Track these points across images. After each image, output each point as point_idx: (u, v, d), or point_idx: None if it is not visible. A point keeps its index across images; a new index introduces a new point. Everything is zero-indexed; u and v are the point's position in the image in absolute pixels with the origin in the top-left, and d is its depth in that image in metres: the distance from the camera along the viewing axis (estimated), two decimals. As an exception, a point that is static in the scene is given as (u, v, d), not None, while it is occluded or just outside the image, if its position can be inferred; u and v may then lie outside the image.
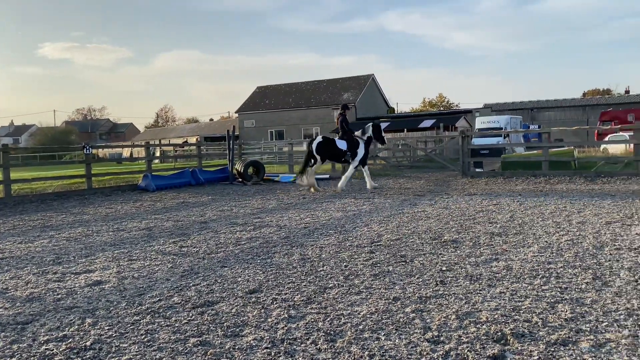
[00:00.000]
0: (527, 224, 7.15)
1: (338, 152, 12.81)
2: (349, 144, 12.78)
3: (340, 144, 12.83)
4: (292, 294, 4.27)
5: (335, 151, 12.80)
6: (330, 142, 12.85)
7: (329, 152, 12.81)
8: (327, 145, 12.80)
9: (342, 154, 12.86)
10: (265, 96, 54.22)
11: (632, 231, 6.32)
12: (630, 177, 12.25)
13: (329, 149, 12.76)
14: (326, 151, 12.78)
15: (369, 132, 13.07)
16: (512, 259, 5.14)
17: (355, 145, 12.83)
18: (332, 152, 12.84)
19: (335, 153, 12.86)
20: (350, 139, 12.85)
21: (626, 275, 4.41)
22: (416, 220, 7.76)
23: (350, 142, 12.80)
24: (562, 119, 51.22)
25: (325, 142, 12.86)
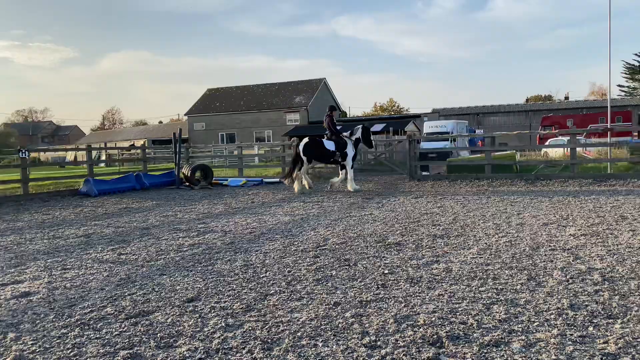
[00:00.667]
0: (468, 226, 7.31)
1: (326, 153, 12.79)
2: (337, 144, 12.79)
3: (328, 144, 12.85)
4: (231, 301, 4.17)
5: (323, 152, 12.77)
6: (317, 143, 12.81)
7: (317, 153, 12.79)
8: (314, 146, 12.75)
9: (330, 154, 12.84)
10: (216, 99, 53.48)
11: (567, 232, 6.57)
12: (567, 180, 12.80)
13: (316, 149, 12.72)
14: (313, 152, 12.75)
15: (358, 134, 13.10)
16: (452, 261, 5.23)
17: (344, 146, 12.86)
18: (319, 153, 12.81)
19: (323, 154, 12.83)
20: (338, 140, 12.87)
21: (559, 275, 4.57)
22: (363, 224, 7.80)
23: (338, 143, 12.81)
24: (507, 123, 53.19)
25: (312, 143, 12.80)
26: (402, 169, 15.59)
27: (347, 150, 12.88)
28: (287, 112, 47.63)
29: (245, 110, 49.95)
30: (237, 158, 18.36)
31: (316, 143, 12.83)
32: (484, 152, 14.41)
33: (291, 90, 50.15)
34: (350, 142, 12.99)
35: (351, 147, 12.92)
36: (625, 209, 8.29)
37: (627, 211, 8.03)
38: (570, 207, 8.78)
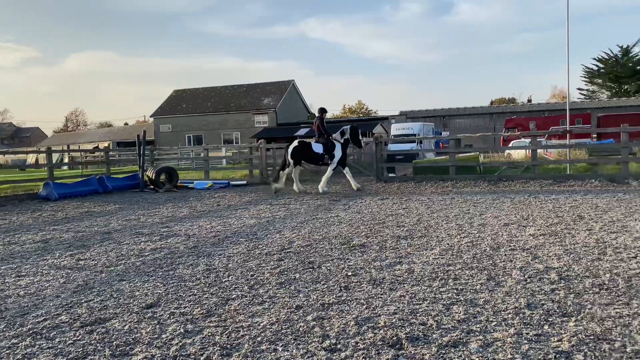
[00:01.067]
0: (432, 227, 7.40)
1: (314, 156, 13.00)
2: (325, 147, 12.93)
3: (317, 147, 13.00)
4: (191, 307, 4.10)
5: (311, 155, 12.99)
6: (306, 146, 13.02)
7: (305, 155, 13.01)
8: (303, 149, 12.96)
9: (319, 157, 13.01)
10: (183, 100, 52.77)
11: (527, 232, 6.72)
12: (528, 181, 13.12)
13: (305, 153, 12.95)
14: (302, 155, 12.98)
15: (347, 135, 13.23)
16: (414, 262, 5.28)
17: (332, 148, 12.99)
18: (308, 156, 13.03)
19: (312, 156, 13.05)
20: (326, 142, 12.96)
21: (517, 274, 4.66)
22: (328, 226, 7.80)
23: (327, 145, 12.94)
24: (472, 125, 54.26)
25: (301, 147, 13.02)
26: (369, 170, 15.70)
27: (334, 152, 13.02)
28: (255, 114, 47.38)
29: (212, 111, 49.45)
30: (203, 160, 18.11)
31: (305, 146, 13.03)
32: (449, 153, 14.63)
33: (259, 92, 49.92)
34: (339, 144, 13.11)
35: (339, 149, 13.06)
36: (582, 209, 8.54)
37: (585, 211, 8.27)
38: (531, 207, 8.99)
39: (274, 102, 47.55)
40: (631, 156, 13.93)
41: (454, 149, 14.74)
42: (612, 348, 3.02)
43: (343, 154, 13.17)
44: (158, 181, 15.01)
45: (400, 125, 36.58)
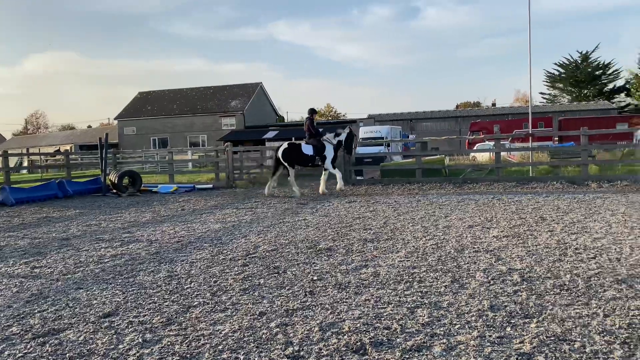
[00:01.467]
0: (398, 229, 7.42)
1: (305, 158, 12.92)
2: (315, 148, 12.83)
3: (306, 149, 12.90)
4: (151, 315, 3.97)
5: (301, 157, 12.91)
6: (296, 148, 12.99)
7: (296, 158, 12.93)
8: (293, 151, 12.91)
9: (309, 159, 12.91)
10: (148, 102, 51.81)
11: (490, 234, 6.81)
12: (492, 183, 13.35)
13: (295, 155, 12.89)
14: (293, 157, 12.91)
15: (342, 138, 13.11)
16: (380, 265, 5.26)
17: (322, 149, 12.87)
18: (298, 158, 12.95)
19: (302, 158, 12.96)
20: (316, 144, 12.87)
21: (481, 276, 4.69)
22: (295, 230, 7.73)
23: (317, 147, 12.84)
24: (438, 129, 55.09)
25: (290, 149, 12.97)
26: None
27: (326, 154, 12.96)
28: (222, 117, 46.89)
29: (178, 114, 48.70)
30: (168, 164, 17.78)
31: (295, 148, 13.00)
32: (415, 156, 14.78)
33: (227, 94, 49.45)
34: (331, 145, 13.02)
35: (330, 150, 12.98)
36: (544, 210, 8.72)
37: (546, 213, 8.44)
38: (495, 209, 9.13)
39: (242, 104, 47.18)
40: (590, 158, 14.35)
41: (420, 152, 14.88)
42: (572, 349, 3.05)
43: (334, 156, 13.14)
44: (121, 185, 14.64)
45: (369, 128, 36.82)
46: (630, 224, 7.04)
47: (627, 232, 6.50)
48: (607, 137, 25.02)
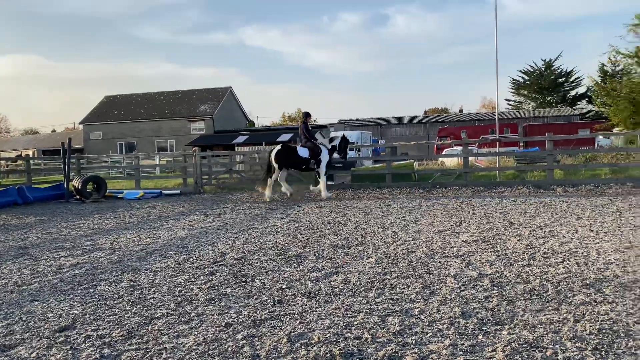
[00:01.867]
0: (369, 234, 7.36)
1: (299, 160, 12.74)
2: (310, 152, 12.70)
3: (302, 151, 12.73)
4: (111, 328, 3.77)
5: (296, 159, 12.73)
6: (290, 150, 12.80)
7: (290, 160, 12.73)
8: (287, 153, 12.71)
9: (304, 161, 12.76)
10: (114, 106, 50.71)
11: (460, 239, 6.80)
12: (460, 188, 13.47)
13: (289, 157, 12.69)
14: (286, 159, 12.70)
15: (336, 143, 13.11)
16: (351, 272, 5.17)
17: (318, 153, 12.77)
18: (293, 161, 12.76)
19: (297, 161, 12.77)
20: (312, 147, 12.74)
21: (452, 282, 4.65)
22: (265, 236, 7.58)
23: (312, 150, 12.72)
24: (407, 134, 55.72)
25: (285, 150, 12.76)
26: (307, 178, 15.56)
27: (321, 157, 12.87)
28: (191, 121, 46.26)
29: (146, 118, 47.81)
30: (134, 169, 17.33)
31: (289, 150, 12.85)
32: (385, 161, 14.79)
33: (196, 99, 48.82)
34: (325, 149, 13.00)
35: (326, 154, 12.94)
36: (512, 214, 8.81)
37: (514, 217, 8.52)
38: (464, 213, 9.18)
39: (211, 109, 46.63)
40: (556, 163, 14.65)
41: (390, 156, 14.91)
42: (544, 356, 3.01)
43: (329, 160, 13.12)
44: (85, 191, 14.18)
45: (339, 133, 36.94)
46: (596, 228, 7.15)
47: (592, 236, 6.59)
48: (571, 143, 25.67)
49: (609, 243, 6.12)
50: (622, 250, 5.70)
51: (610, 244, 6.05)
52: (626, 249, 5.75)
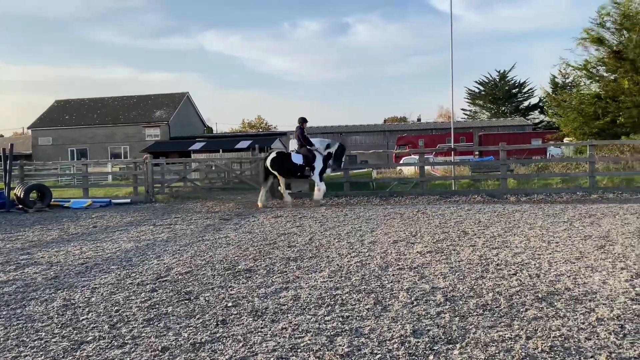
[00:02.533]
0: (323, 246, 7.18)
1: (294, 167, 12.77)
2: (305, 158, 12.69)
3: (296, 158, 12.77)
4: (33, 355, 3.42)
5: (290, 166, 12.77)
6: (285, 157, 12.90)
7: (285, 167, 12.79)
8: (282, 160, 12.79)
9: (298, 168, 12.75)
10: (66, 111, 48.90)
11: (414, 249, 6.71)
12: (417, 196, 13.50)
13: (284, 164, 12.75)
14: (281, 166, 12.76)
15: (332, 150, 13.04)
16: (302, 287, 4.96)
17: (312, 160, 12.74)
18: (287, 167, 12.80)
19: (291, 168, 12.80)
20: (307, 154, 12.70)
21: (404, 297, 4.51)
22: (215, 248, 7.29)
23: (307, 157, 12.70)
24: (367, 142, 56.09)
25: (279, 157, 12.85)
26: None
27: (315, 164, 12.77)
28: (146, 127, 45.09)
29: (99, 124, 46.29)
30: (82, 176, 16.59)
31: (284, 157, 12.89)
32: (343, 170, 14.70)
33: (151, 104, 47.65)
34: (320, 156, 12.90)
35: (320, 161, 12.86)
36: (466, 224, 8.82)
37: (468, 226, 8.53)
38: (419, 223, 9.13)
39: (167, 114, 45.60)
40: (509, 173, 14.92)
41: (348, 165, 14.82)
42: (496, 378, 2.88)
43: (323, 167, 13.01)
44: (27, 200, 13.44)
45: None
46: (547, 238, 7.20)
47: (544, 247, 6.62)
48: (524, 152, 26.36)
49: (561, 254, 6.15)
50: (572, 261, 5.72)
51: (561, 255, 6.08)
52: (577, 260, 5.78)
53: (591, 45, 20.94)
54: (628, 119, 19.13)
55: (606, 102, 19.88)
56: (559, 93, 24.11)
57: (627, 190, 12.73)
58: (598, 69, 21.71)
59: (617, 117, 19.57)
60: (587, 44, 21.05)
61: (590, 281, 4.86)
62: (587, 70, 21.60)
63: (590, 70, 21.64)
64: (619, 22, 19.92)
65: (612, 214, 9.32)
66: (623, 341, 3.38)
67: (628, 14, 19.58)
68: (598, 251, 6.21)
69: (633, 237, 7.03)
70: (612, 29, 20.35)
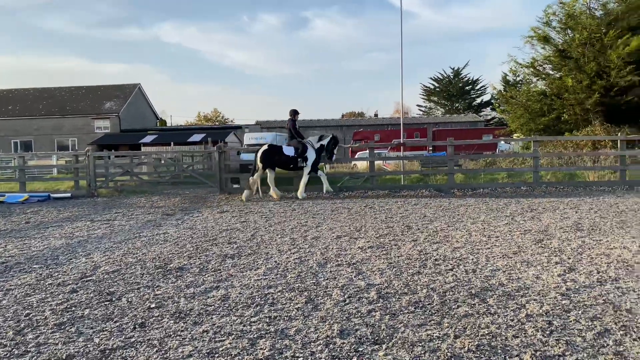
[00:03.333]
0: (265, 242, 6.98)
1: (285, 159, 12.50)
2: (297, 150, 12.46)
3: (288, 150, 12.52)
4: None
5: (282, 158, 12.50)
6: (276, 150, 12.58)
7: (276, 159, 12.50)
8: (273, 153, 12.48)
9: (290, 160, 12.50)
10: (9, 101, 46.55)
11: (356, 245, 6.60)
12: (367, 191, 13.47)
13: (275, 156, 12.47)
14: (272, 159, 12.46)
15: (324, 142, 12.88)
16: (233, 286, 4.75)
17: (304, 151, 12.49)
18: (279, 160, 12.52)
19: (283, 160, 12.53)
20: (297, 146, 12.49)
21: (338, 294, 4.37)
22: (150, 246, 6.96)
23: (298, 149, 12.47)
24: (324, 136, 55.90)
25: (270, 151, 12.51)
26: (212, 181, 14.91)
27: (307, 155, 12.54)
28: (95, 119, 43.46)
29: (45, 115, 44.30)
30: (19, 170, 15.70)
31: (275, 150, 12.60)
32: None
33: (101, 95, 45.97)
34: (312, 148, 12.65)
35: (312, 153, 12.60)
36: (411, 219, 8.80)
37: (413, 221, 8.51)
38: (365, 218, 9.06)
39: (117, 106, 44.09)
40: (457, 167, 15.10)
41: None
42: (416, 381, 2.77)
43: (317, 159, 12.76)
44: (-44, 195, 12.60)
45: (254, 134, 36.25)
46: (488, 233, 7.25)
47: (484, 241, 6.64)
48: (473, 147, 26.90)
49: (499, 248, 6.18)
50: (510, 256, 5.74)
51: (500, 249, 6.11)
52: (514, 254, 5.81)
53: (538, 43, 21.51)
54: (571, 116, 19.76)
55: (551, 99, 20.47)
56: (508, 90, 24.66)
57: (569, 185, 13.10)
58: (544, 67, 22.33)
59: (562, 114, 20.19)
60: (534, 42, 21.61)
61: (525, 276, 4.86)
62: (534, 68, 22.18)
63: (537, 68, 22.23)
64: (564, 22, 20.52)
65: (552, 209, 9.53)
66: (549, 338, 3.34)
67: (572, 13, 20.19)
68: (535, 245, 6.28)
69: (570, 231, 7.16)
70: (558, 28, 20.95)
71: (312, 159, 12.72)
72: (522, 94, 22.15)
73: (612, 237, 6.66)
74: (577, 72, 19.57)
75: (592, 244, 6.31)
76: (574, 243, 6.34)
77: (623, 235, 6.82)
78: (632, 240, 6.47)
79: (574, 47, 19.77)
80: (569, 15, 20.28)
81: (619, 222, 7.85)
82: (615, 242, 6.38)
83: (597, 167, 13.89)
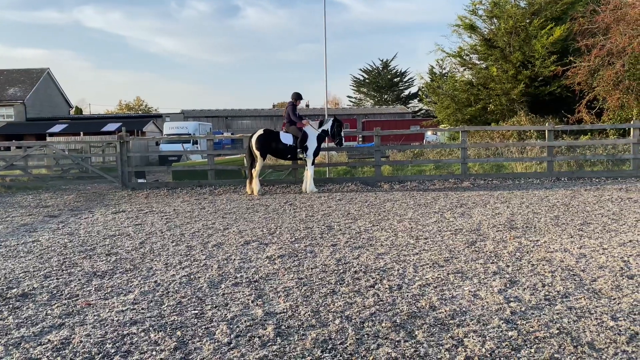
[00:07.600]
0: (154, 251, 5.73)
1: (282, 148, 11.13)
2: (295, 137, 11.09)
3: (285, 137, 11.13)
4: None
5: (278, 146, 11.11)
6: (272, 136, 11.15)
7: (271, 147, 11.11)
8: (270, 139, 11.07)
9: (288, 149, 11.15)
10: None
11: (265, 253, 5.52)
12: (289, 185, 12.40)
13: (270, 144, 11.06)
14: (269, 147, 11.06)
15: (326, 126, 11.45)
16: (84, 322, 3.52)
17: (304, 139, 11.08)
18: (275, 148, 11.14)
19: (279, 148, 11.15)
20: (295, 133, 11.11)
21: (222, 333, 3.26)
22: (6, 259, 5.52)
23: (296, 136, 11.09)
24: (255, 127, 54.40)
25: (267, 135, 11.09)
26: (112, 176, 13.24)
27: (307, 144, 11.09)
28: (-6, 106, 39.37)
29: (-63, 102, 39.59)
30: None
31: (271, 135, 11.17)
32: (207, 156, 13.13)
33: (3, 81, 41.68)
34: (314, 134, 11.22)
35: (313, 140, 11.17)
36: (334, 217, 7.84)
37: (335, 220, 7.55)
38: (283, 217, 7.99)
39: (22, 92, 40.12)
40: (384, 159, 14.37)
41: (212, 151, 13.25)
42: None
43: (318, 147, 11.22)
44: None
45: (175, 124, 34.21)
46: (416, 233, 6.39)
47: (412, 244, 5.76)
48: (401, 138, 26.57)
49: (429, 253, 5.31)
50: (441, 264, 4.87)
51: (429, 255, 5.24)
52: (445, 262, 4.95)
53: (465, 32, 21.26)
54: (497, 106, 19.66)
55: (478, 89, 20.29)
56: (435, 81, 24.41)
57: (497, 177, 12.69)
58: (471, 57, 22.17)
59: (488, 104, 20.07)
60: (461, 31, 21.34)
61: (459, 294, 3.98)
62: (461, 57, 21.96)
63: (464, 58, 22.03)
64: (490, 10, 20.36)
65: (483, 203, 8.89)
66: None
67: (498, 2, 20.06)
68: (469, 249, 5.47)
69: (504, 230, 6.45)
70: (484, 17, 20.78)
71: (313, 147, 11.25)
72: (448, 84, 21.89)
73: (549, 237, 6.00)
74: (503, 62, 19.46)
75: (529, 246, 5.59)
76: (510, 246, 5.59)
77: (560, 234, 6.18)
78: (571, 240, 5.82)
79: (499, 36, 19.65)
80: (495, 4, 20.13)
81: (552, 217, 7.27)
82: (553, 242, 5.71)
83: (525, 159, 13.59)
